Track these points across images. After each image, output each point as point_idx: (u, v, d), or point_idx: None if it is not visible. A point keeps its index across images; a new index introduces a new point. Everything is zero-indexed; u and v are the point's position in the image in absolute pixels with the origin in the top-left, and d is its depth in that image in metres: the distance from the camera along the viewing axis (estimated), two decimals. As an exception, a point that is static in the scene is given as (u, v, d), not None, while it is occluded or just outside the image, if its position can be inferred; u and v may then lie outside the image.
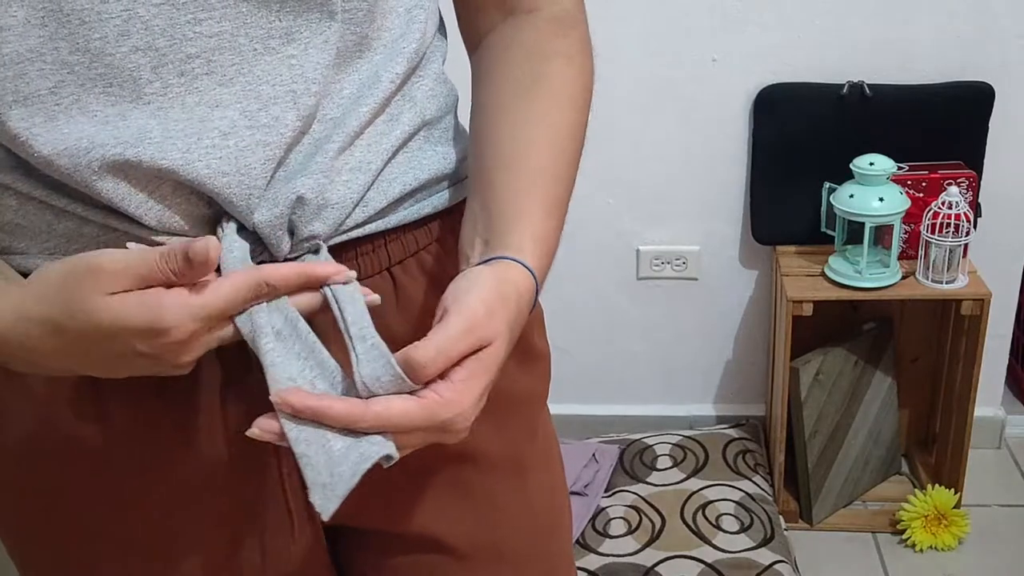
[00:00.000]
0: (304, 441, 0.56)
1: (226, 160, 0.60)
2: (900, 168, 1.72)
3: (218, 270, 0.59)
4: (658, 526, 1.76)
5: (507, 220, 0.66)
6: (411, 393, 0.58)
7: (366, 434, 0.57)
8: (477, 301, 0.59)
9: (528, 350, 0.80)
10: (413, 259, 0.71)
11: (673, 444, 1.97)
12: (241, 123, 0.61)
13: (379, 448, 0.57)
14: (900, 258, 1.75)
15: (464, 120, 0.76)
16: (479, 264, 0.64)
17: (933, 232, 1.68)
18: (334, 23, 0.63)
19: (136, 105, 0.59)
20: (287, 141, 0.62)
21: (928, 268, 1.71)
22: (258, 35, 0.60)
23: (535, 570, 0.83)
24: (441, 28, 0.75)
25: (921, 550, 1.83)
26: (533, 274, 0.64)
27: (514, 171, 0.68)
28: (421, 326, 0.70)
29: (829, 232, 1.82)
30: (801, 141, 1.81)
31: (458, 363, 0.58)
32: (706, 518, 1.77)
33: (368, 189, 0.67)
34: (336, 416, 0.56)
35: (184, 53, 0.59)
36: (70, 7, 0.56)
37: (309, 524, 0.73)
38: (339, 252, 0.67)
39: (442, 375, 0.58)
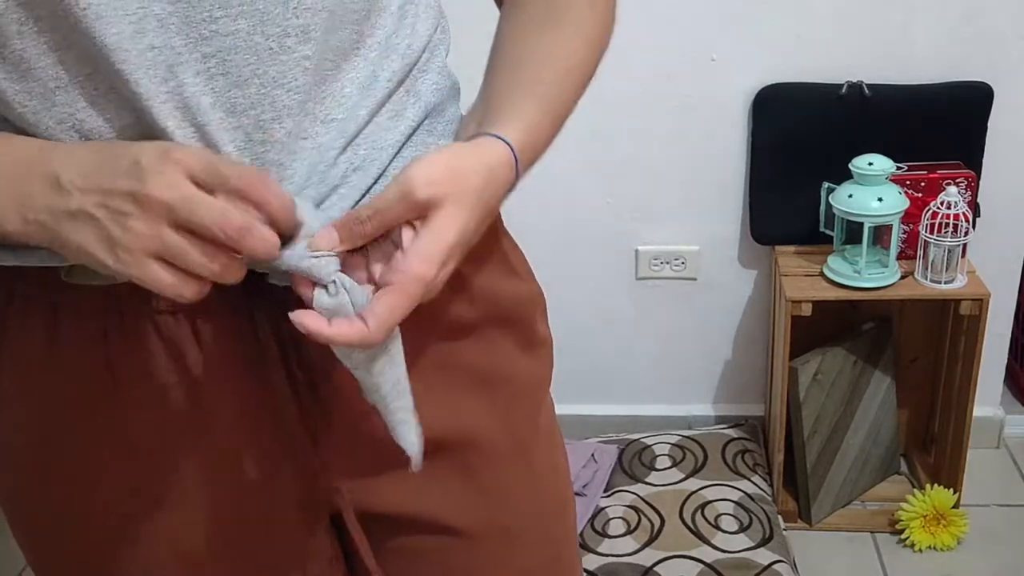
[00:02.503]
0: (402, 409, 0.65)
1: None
2: (899, 168, 1.72)
3: None
4: (657, 526, 1.76)
5: (500, 109, 0.69)
6: (378, 286, 0.61)
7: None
8: (416, 170, 0.61)
9: (531, 336, 0.81)
10: None
11: (672, 444, 1.97)
12: (256, 136, 0.62)
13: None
14: (899, 258, 1.75)
15: (466, 111, 0.77)
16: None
17: (932, 232, 1.68)
18: (345, 22, 0.64)
19: (153, 104, 0.59)
20: (297, 154, 0.64)
21: (927, 268, 1.71)
22: (274, 33, 0.61)
23: (541, 552, 0.84)
24: (442, 22, 0.76)
25: (920, 550, 1.83)
26: (510, 145, 0.66)
27: (517, 78, 0.71)
28: (427, 309, 0.71)
29: (828, 232, 1.82)
30: (800, 141, 1.81)
31: (414, 233, 0.61)
32: (705, 518, 1.77)
33: (375, 182, 0.68)
34: (349, 339, 0.59)
35: (200, 52, 0.59)
36: (86, 2, 0.57)
37: (316, 511, 0.74)
38: None
39: (400, 247, 0.61)
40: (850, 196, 1.69)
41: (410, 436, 0.66)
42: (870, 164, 1.67)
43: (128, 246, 0.56)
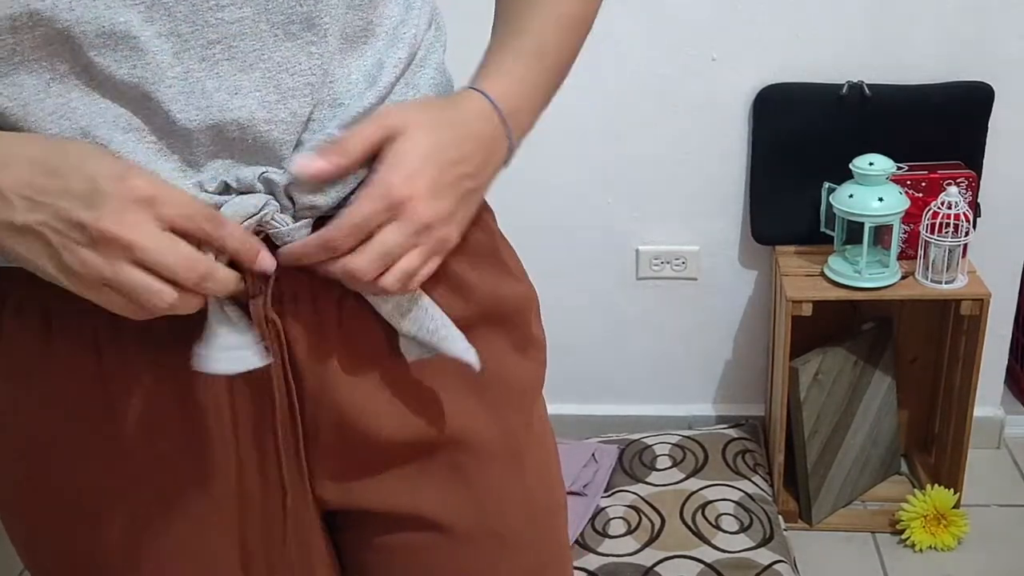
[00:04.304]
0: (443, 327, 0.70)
1: (245, 154, 0.63)
2: (899, 168, 1.72)
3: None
4: (657, 526, 1.76)
5: (481, 66, 0.73)
6: None
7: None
8: (385, 108, 0.67)
9: (525, 336, 0.81)
10: None
11: (672, 444, 1.97)
12: (260, 115, 0.62)
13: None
14: (899, 258, 1.75)
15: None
16: None
17: (932, 232, 1.68)
18: (345, 11, 0.64)
19: (159, 88, 0.60)
20: (303, 135, 0.65)
21: (927, 268, 1.71)
22: (279, 20, 0.62)
23: (531, 551, 0.84)
24: (438, 19, 0.76)
25: (920, 550, 1.83)
26: (481, 92, 0.69)
27: (500, 32, 0.75)
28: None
29: (829, 232, 1.82)
30: (801, 141, 1.81)
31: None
32: (705, 518, 1.77)
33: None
34: (325, 242, 0.63)
35: (206, 39, 0.60)
36: None
37: (304, 506, 0.74)
38: None
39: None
40: (851, 196, 1.69)
41: (456, 347, 0.70)
42: (871, 164, 1.67)
43: (80, 274, 0.57)
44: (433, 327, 0.69)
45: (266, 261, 0.63)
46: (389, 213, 0.63)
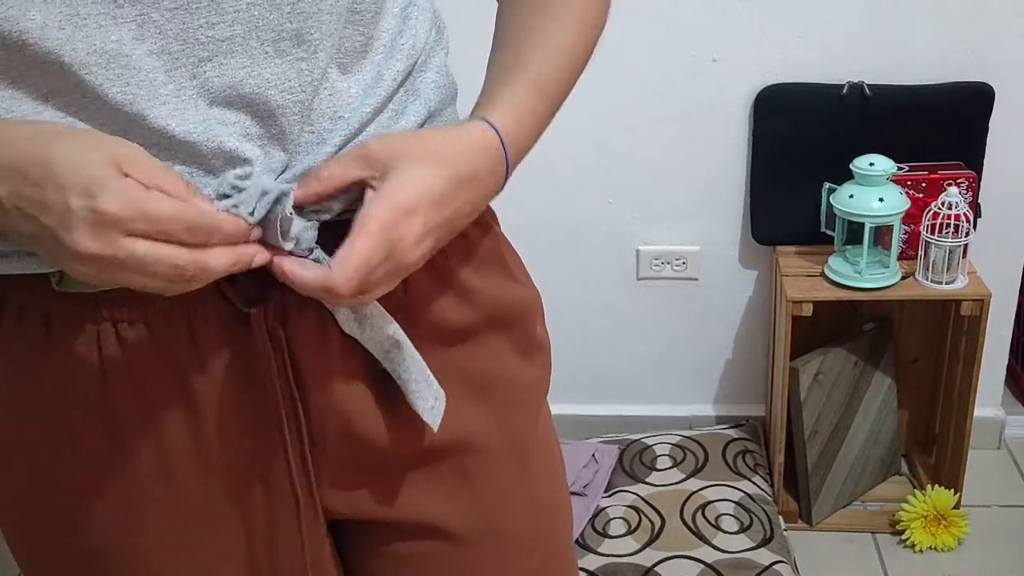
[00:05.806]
0: (414, 381, 0.69)
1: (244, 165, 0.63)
2: (900, 168, 1.72)
3: None
4: (657, 526, 1.76)
5: (487, 94, 0.70)
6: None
7: None
8: (376, 136, 0.64)
9: (529, 340, 0.81)
10: None
11: (673, 444, 1.97)
12: (254, 131, 0.63)
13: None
14: (900, 258, 1.75)
15: (462, 112, 0.77)
16: None
17: (933, 232, 1.68)
18: (343, 26, 0.64)
19: (153, 105, 0.60)
20: (293, 151, 0.65)
21: (928, 268, 1.71)
22: (268, 38, 0.61)
23: (536, 555, 0.84)
24: (439, 23, 0.76)
25: (921, 550, 1.83)
26: (492, 125, 0.67)
27: (506, 63, 0.72)
28: (426, 314, 0.71)
29: (829, 232, 1.82)
30: (801, 141, 1.81)
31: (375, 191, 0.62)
32: (706, 518, 1.77)
33: None
34: (328, 288, 0.60)
35: (196, 56, 0.60)
36: (87, 11, 0.57)
37: (313, 516, 0.74)
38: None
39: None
40: (851, 196, 1.69)
41: (422, 403, 0.71)
42: (871, 164, 1.67)
43: (84, 258, 0.55)
44: (407, 377, 0.69)
45: (263, 255, 0.61)
46: (387, 254, 0.60)
